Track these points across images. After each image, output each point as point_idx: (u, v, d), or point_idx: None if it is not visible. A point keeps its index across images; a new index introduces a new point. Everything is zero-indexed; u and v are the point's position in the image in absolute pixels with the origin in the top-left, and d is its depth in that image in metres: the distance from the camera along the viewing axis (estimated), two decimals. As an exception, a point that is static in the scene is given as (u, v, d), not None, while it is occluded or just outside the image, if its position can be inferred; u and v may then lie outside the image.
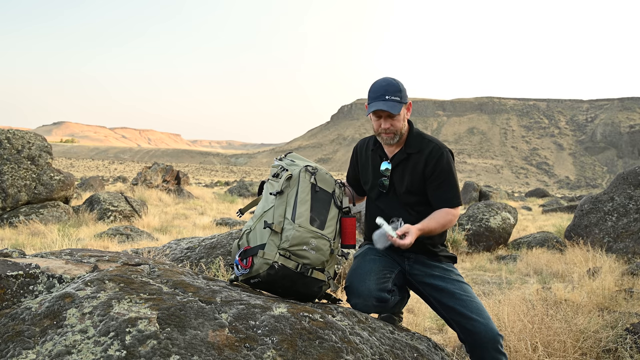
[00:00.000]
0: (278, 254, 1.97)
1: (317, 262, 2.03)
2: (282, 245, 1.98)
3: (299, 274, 1.99)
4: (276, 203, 2.06)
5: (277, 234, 2.00)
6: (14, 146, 9.13)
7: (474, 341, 2.20)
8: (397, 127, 2.33)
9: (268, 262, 1.97)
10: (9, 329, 1.53)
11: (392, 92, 2.28)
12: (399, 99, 2.28)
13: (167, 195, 15.43)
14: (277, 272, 1.96)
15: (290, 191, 2.08)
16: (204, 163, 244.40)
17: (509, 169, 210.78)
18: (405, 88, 2.35)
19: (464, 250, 8.03)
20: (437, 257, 2.43)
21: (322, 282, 2.08)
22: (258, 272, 2.00)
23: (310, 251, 2.01)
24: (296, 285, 2.03)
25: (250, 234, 2.10)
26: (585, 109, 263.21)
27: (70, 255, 2.16)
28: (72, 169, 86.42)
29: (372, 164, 2.50)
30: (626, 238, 7.02)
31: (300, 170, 2.13)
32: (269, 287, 2.06)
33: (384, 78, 2.35)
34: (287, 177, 2.09)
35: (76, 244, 6.49)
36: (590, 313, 3.52)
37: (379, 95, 2.29)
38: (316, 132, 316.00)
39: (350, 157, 2.67)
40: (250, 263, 2.01)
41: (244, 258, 2.04)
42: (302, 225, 2.00)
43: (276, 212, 2.04)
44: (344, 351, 1.65)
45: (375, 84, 2.33)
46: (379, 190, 2.45)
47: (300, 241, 1.99)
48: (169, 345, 1.47)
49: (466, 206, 16.36)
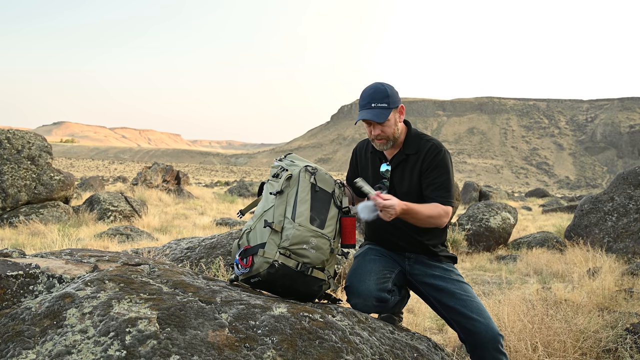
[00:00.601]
0: (278, 253, 1.97)
1: (317, 261, 2.04)
2: (283, 244, 1.98)
3: (299, 272, 1.99)
4: (276, 203, 2.06)
5: (278, 233, 2.00)
6: (14, 146, 9.13)
7: (474, 341, 2.20)
8: (388, 132, 2.32)
9: (268, 261, 1.97)
10: (9, 329, 1.53)
11: (378, 99, 2.27)
12: (386, 105, 2.26)
13: (167, 195, 15.43)
14: (278, 271, 1.96)
15: (290, 191, 2.08)
16: (204, 163, 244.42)
17: (509, 169, 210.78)
18: (396, 91, 2.33)
19: (464, 250, 8.03)
20: (438, 257, 2.43)
21: (322, 281, 2.08)
22: (258, 271, 2.00)
23: (311, 250, 2.01)
24: (296, 284, 2.03)
25: (250, 233, 2.10)
26: (585, 109, 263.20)
27: (70, 255, 2.16)
28: (72, 169, 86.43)
29: (372, 166, 2.50)
30: (626, 238, 7.02)
31: (300, 170, 2.13)
32: (269, 286, 2.06)
33: (372, 84, 2.34)
34: (287, 177, 2.09)
35: (76, 244, 6.49)
36: (590, 313, 3.52)
37: (366, 103, 2.29)
38: (316, 132, 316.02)
39: (350, 158, 2.67)
40: (250, 262, 2.01)
41: (244, 257, 2.04)
42: (302, 225, 2.01)
43: (276, 211, 2.04)
44: (344, 351, 1.65)
45: (363, 92, 2.33)
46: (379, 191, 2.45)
47: (301, 240, 1.99)
48: (169, 345, 1.47)
49: (466, 206, 16.36)
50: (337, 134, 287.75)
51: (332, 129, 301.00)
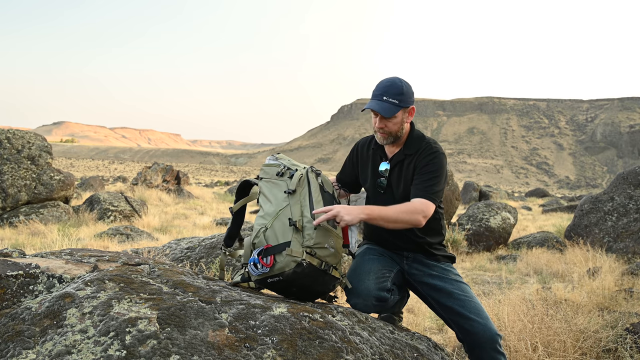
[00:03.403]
0: (305, 252, 1.95)
1: (335, 261, 2.06)
2: (306, 243, 1.97)
3: (322, 271, 1.99)
4: (291, 202, 2.05)
5: (299, 232, 1.98)
6: (14, 146, 9.13)
7: (472, 341, 2.20)
8: (391, 129, 2.31)
9: (296, 260, 1.93)
10: (9, 329, 1.53)
11: (391, 93, 2.26)
12: (397, 102, 2.25)
13: (167, 195, 15.43)
14: (304, 270, 1.94)
15: (302, 190, 2.09)
16: (204, 163, 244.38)
17: (509, 169, 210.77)
18: (412, 92, 2.31)
19: (464, 250, 8.03)
20: (436, 257, 2.43)
21: (337, 280, 2.10)
22: (283, 270, 1.95)
23: (330, 249, 2.02)
24: (315, 284, 2.02)
25: (267, 232, 2.03)
26: (585, 108, 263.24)
27: (70, 255, 2.16)
28: (72, 169, 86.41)
29: (371, 163, 2.50)
30: (626, 238, 7.02)
31: (308, 171, 2.17)
32: (286, 285, 2.01)
33: (390, 77, 2.32)
34: (299, 177, 2.10)
35: (76, 244, 6.49)
36: (590, 313, 3.52)
37: (378, 94, 2.29)
38: (316, 132, 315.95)
39: (349, 154, 2.64)
40: (272, 261, 1.97)
41: (265, 256, 1.99)
42: (322, 224, 2.01)
43: (294, 210, 2.03)
44: (344, 351, 1.65)
45: (379, 82, 2.32)
46: (377, 190, 2.46)
47: (322, 239, 2.00)
48: (169, 345, 1.47)
49: (466, 206, 16.35)
50: (337, 134, 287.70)
51: (332, 129, 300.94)
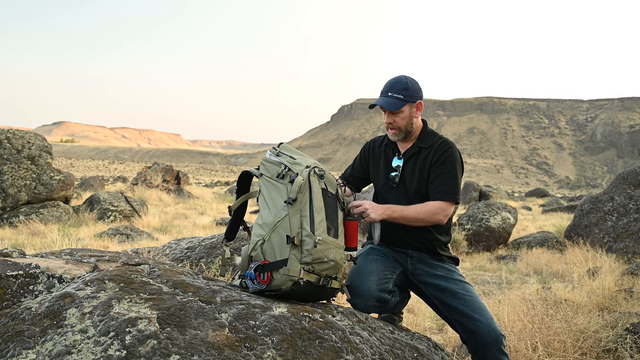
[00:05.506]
0: (302, 270, 1.88)
1: (334, 273, 2.00)
2: (304, 259, 1.88)
3: (321, 287, 1.95)
4: (290, 212, 1.93)
5: (298, 247, 1.89)
6: (14, 146, 9.13)
7: (476, 341, 2.19)
8: (400, 124, 2.39)
9: (293, 279, 1.88)
10: (9, 329, 1.53)
11: (396, 89, 2.35)
12: (402, 97, 2.33)
13: (167, 195, 15.43)
14: (301, 288, 1.89)
15: (303, 197, 1.94)
16: (204, 163, 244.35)
17: (509, 168, 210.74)
18: (419, 87, 2.40)
19: (464, 250, 8.03)
20: (440, 257, 2.44)
21: (337, 290, 2.06)
22: (280, 288, 1.91)
23: (330, 262, 1.95)
24: (313, 297, 2.00)
25: (264, 245, 1.96)
26: (585, 108, 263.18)
27: (70, 255, 2.16)
28: (72, 169, 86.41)
29: (384, 159, 2.53)
30: (626, 238, 7.02)
31: (309, 174, 1.99)
32: (285, 297, 1.98)
33: (397, 76, 2.43)
34: (299, 184, 1.94)
35: (76, 244, 6.49)
36: (590, 313, 3.52)
37: (384, 91, 2.39)
38: (316, 132, 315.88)
39: (360, 151, 2.68)
40: (269, 278, 1.92)
41: (262, 272, 1.93)
42: (322, 238, 1.91)
43: (292, 222, 1.91)
44: (344, 351, 1.65)
45: (387, 81, 2.42)
46: (390, 184, 2.48)
47: (322, 255, 1.91)
48: (169, 345, 1.47)
49: (466, 206, 16.35)
50: (337, 134, 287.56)
51: (332, 129, 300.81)
